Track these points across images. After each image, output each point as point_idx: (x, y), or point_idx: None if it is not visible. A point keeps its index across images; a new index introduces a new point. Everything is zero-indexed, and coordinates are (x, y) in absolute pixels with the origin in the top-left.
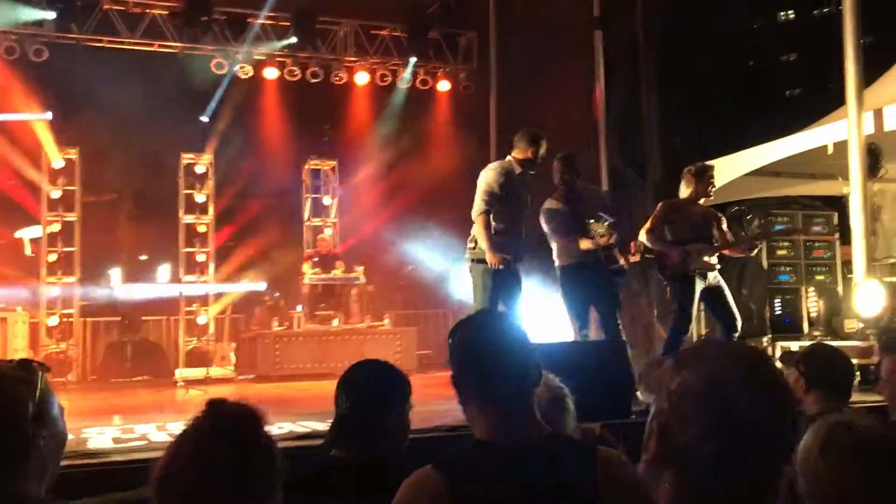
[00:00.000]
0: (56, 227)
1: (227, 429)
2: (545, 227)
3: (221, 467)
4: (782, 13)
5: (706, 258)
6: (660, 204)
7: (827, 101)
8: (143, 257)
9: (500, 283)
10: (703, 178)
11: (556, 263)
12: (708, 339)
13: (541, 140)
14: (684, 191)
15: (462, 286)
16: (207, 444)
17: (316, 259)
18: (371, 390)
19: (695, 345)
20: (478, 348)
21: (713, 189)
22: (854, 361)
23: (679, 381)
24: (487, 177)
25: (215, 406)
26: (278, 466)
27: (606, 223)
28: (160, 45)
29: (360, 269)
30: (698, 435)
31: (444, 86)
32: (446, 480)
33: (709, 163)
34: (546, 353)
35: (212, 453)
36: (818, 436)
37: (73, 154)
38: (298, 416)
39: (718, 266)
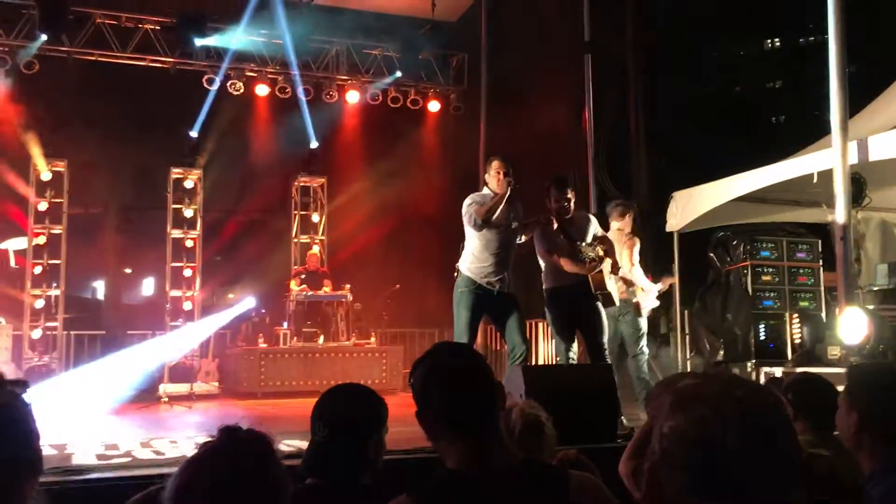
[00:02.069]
0: (42, 240)
1: (242, 454)
2: (537, 248)
3: (237, 493)
4: (768, 40)
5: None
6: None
7: (812, 129)
8: (128, 271)
9: (480, 305)
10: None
11: (544, 286)
12: (714, 373)
13: (500, 165)
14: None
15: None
16: (223, 470)
17: (303, 276)
18: (349, 418)
19: (699, 380)
20: (439, 383)
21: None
22: (838, 388)
23: (672, 424)
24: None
25: (229, 432)
26: (289, 491)
27: (596, 248)
28: (151, 60)
29: (347, 286)
30: (686, 486)
31: (434, 106)
32: None
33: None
34: (531, 377)
35: (228, 479)
36: None
37: (62, 167)
38: (283, 434)
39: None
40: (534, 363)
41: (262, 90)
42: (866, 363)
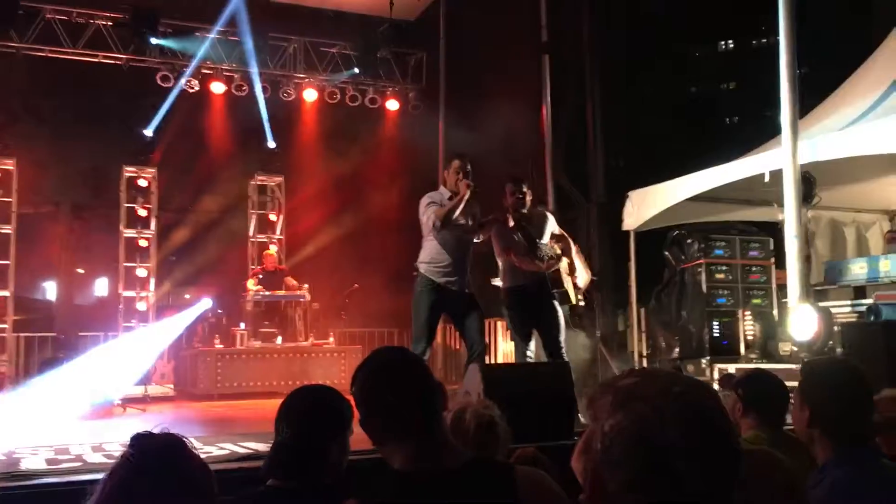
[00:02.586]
0: None
1: (151, 465)
2: (494, 247)
3: (154, 499)
4: (722, 42)
5: None
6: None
7: (764, 129)
8: (80, 271)
9: (439, 304)
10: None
11: (501, 285)
12: (653, 370)
13: (460, 166)
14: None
15: (408, 305)
16: (133, 482)
17: (261, 276)
18: (313, 419)
19: (639, 377)
20: (380, 390)
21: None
22: (788, 384)
23: (612, 423)
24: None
25: (140, 440)
26: (210, 493)
27: (554, 246)
28: (104, 57)
29: (305, 286)
30: (625, 483)
31: (392, 105)
32: None
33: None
34: (489, 375)
35: (138, 490)
36: None
37: (10, 165)
38: (240, 436)
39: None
40: (493, 362)
41: (217, 87)
42: (819, 359)
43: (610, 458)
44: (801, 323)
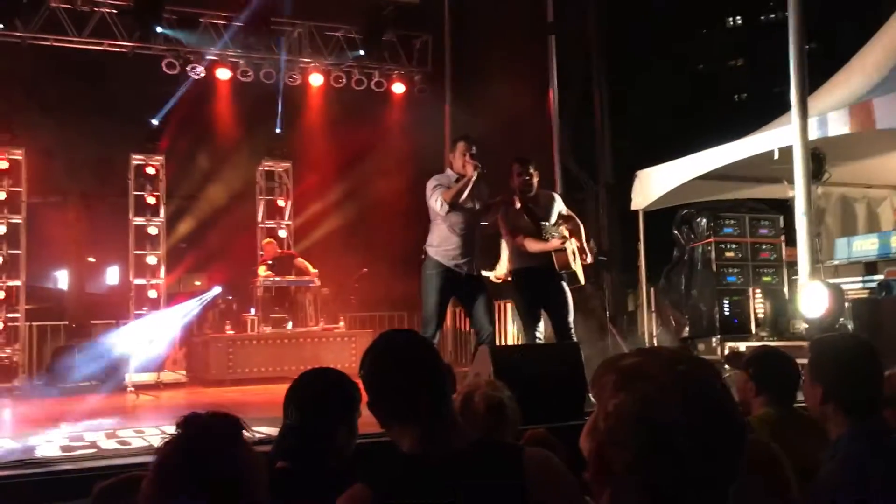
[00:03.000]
0: (1, 230)
1: (209, 439)
2: (501, 229)
3: (211, 477)
4: (730, 18)
5: None
6: None
7: (773, 106)
8: (91, 260)
9: (448, 288)
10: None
11: (509, 266)
12: (656, 349)
13: (465, 147)
14: None
15: (417, 288)
16: (193, 458)
17: (271, 262)
18: (321, 402)
19: (641, 357)
20: (389, 372)
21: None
22: (799, 362)
23: (616, 402)
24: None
25: (192, 420)
26: (263, 469)
27: (560, 227)
28: (109, 45)
29: (315, 271)
30: (629, 462)
31: (398, 88)
32: (375, 496)
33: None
34: (499, 357)
35: (199, 466)
36: None
37: (19, 155)
38: (252, 421)
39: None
40: (502, 343)
41: (223, 74)
42: (829, 336)
43: (614, 437)
44: (812, 300)
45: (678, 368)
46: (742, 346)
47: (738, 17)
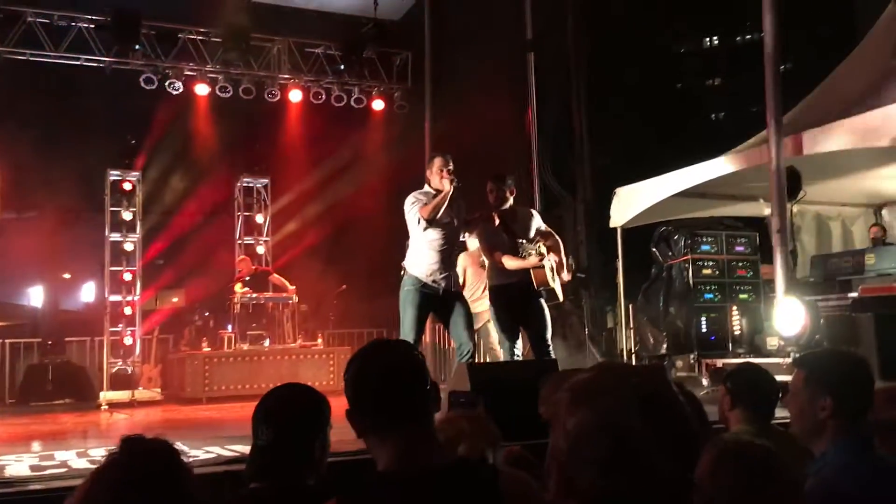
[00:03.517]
0: None
1: (140, 470)
2: (480, 245)
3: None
4: (707, 38)
5: None
6: None
7: (750, 124)
8: (66, 276)
9: (426, 304)
10: None
11: (488, 283)
12: (606, 364)
13: (443, 163)
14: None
15: (396, 305)
16: (120, 488)
17: (248, 278)
18: (296, 419)
19: (592, 374)
20: (372, 380)
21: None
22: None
23: (575, 420)
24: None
25: (128, 444)
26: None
27: (538, 244)
28: (86, 60)
29: (293, 288)
30: (596, 475)
31: (378, 105)
32: None
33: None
34: (477, 374)
35: (129, 492)
36: (711, 453)
37: None
38: (228, 439)
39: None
40: (480, 360)
41: (201, 89)
42: (821, 350)
43: (577, 455)
44: (788, 317)
45: (632, 381)
46: (719, 363)
47: (716, 38)
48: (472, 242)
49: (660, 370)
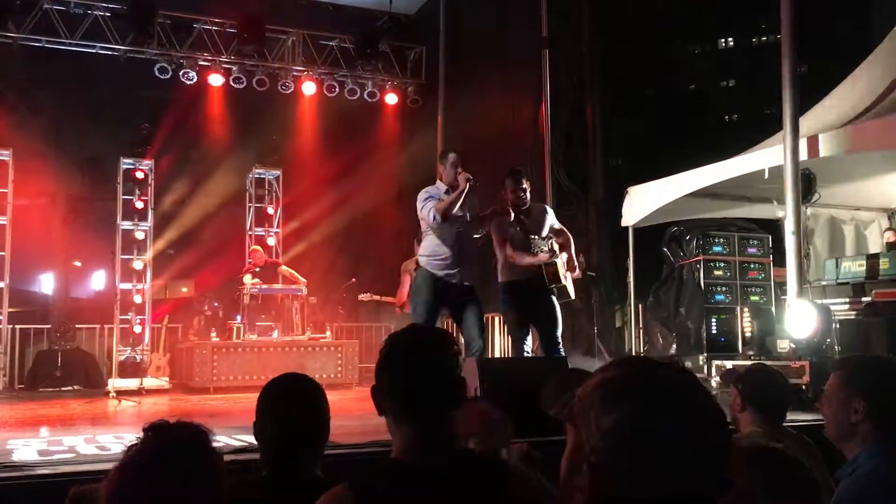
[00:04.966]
0: None
1: (171, 452)
2: (493, 241)
3: (173, 486)
4: (722, 40)
5: None
6: None
7: (763, 126)
8: (77, 263)
9: (438, 298)
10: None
11: (499, 279)
12: (631, 360)
13: (457, 160)
14: None
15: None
16: (153, 470)
17: (257, 269)
18: (305, 409)
19: (621, 370)
20: (398, 365)
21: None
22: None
23: (614, 418)
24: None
25: (158, 427)
26: (223, 479)
27: (551, 241)
28: (102, 48)
29: (304, 280)
30: (633, 478)
31: (391, 99)
32: (356, 499)
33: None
34: (486, 370)
35: (158, 478)
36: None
37: (6, 155)
38: (235, 429)
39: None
40: (490, 356)
41: (215, 80)
42: (859, 355)
43: (616, 456)
44: (800, 320)
45: (665, 376)
46: (729, 365)
47: (731, 39)
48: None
49: (692, 372)
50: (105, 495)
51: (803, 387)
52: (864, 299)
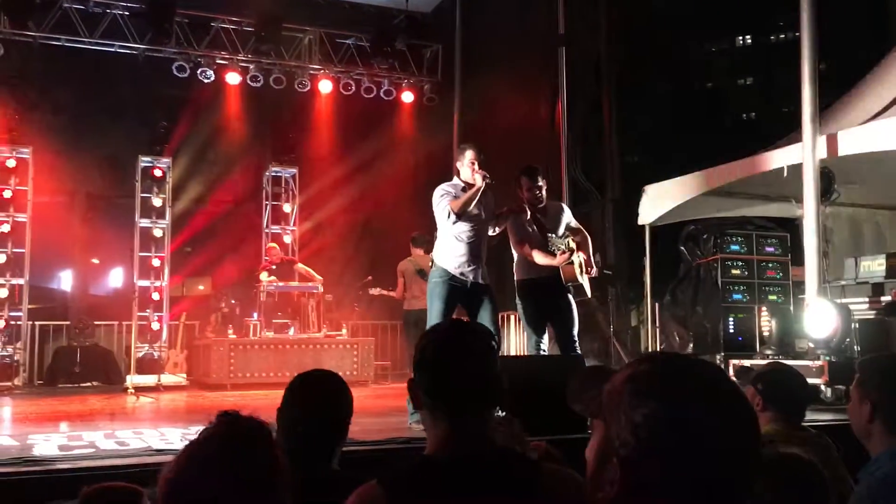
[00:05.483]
0: (6, 228)
1: (243, 439)
2: (510, 239)
3: (237, 478)
4: (740, 38)
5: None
6: None
7: (781, 125)
8: (96, 261)
9: (454, 296)
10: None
11: (515, 277)
12: (660, 355)
13: (474, 156)
14: None
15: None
16: (223, 454)
17: (274, 267)
18: (336, 406)
19: (651, 365)
20: (437, 358)
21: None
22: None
23: (644, 412)
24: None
25: (229, 417)
26: (288, 478)
27: (567, 239)
28: (120, 47)
29: (320, 278)
30: (672, 468)
31: (407, 97)
32: (387, 495)
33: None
34: (502, 368)
35: (228, 464)
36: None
37: (27, 153)
38: None
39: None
40: (506, 354)
41: (233, 78)
42: (879, 355)
43: (650, 447)
44: (819, 319)
45: (691, 367)
46: (747, 364)
47: (748, 37)
48: (417, 251)
49: (713, 363)
50: (169, 474)
51: (822, 386)
52: (884, 298)
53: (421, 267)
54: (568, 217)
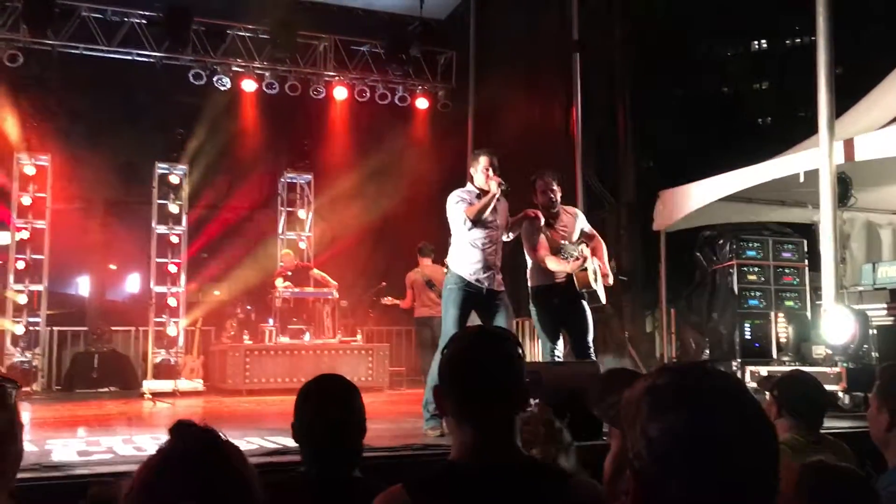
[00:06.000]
0: (25, 235)
1: (192, 454)
2: (524, 245)
3: (188, 494)
4: (755, 42)
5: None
6: None
7: (797, 129)
8: (113, 267)
9: (469, 302)
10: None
11: (529, 283)
12: (675, 366)
13: (488, 163)
14: None
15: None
16: (173, 470)
17: (289, 273)
18: (356, 405)
19: (667, 374)
20: (462, 364)
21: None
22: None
23: (661, 427)
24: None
25: (181, 429)
26: (254, 493)
27: (581, 245)
28: (138, 55)
29: (335, 283)
30: (689, 486)
31: (422, 103)
32: (413, 500)
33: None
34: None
35: (177, 480)
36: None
37: (45, 160)
38: (268, 431)
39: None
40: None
41: (248, 85)
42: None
43: (667, 463)
44: (836, 325)
45: (711, 380)
46: (763, 371)
47: (764, 41)
48: (424, 260)
49: (731, 375)
50: (125, 492)
51: (840, 394)
52: None
53: (429, 278)
54: (582, 222)
